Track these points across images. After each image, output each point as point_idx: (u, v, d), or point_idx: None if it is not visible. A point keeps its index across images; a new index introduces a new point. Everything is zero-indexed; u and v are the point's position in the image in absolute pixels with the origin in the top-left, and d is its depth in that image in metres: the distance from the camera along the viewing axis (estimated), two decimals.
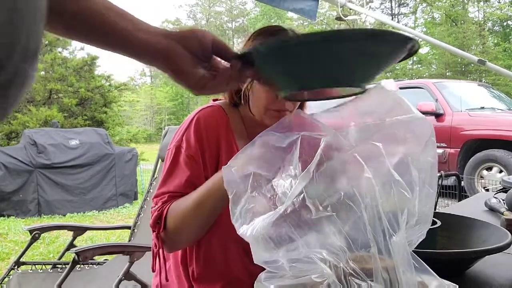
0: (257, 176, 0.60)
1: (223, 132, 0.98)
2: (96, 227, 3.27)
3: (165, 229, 0.90)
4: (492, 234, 0.89)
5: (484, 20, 22.23)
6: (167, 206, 0.91)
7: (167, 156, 0.98)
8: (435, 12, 22.99)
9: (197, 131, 0.96)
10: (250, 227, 0.56)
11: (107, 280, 1.81)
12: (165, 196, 0.93)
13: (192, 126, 0.97)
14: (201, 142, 0.95)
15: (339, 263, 0.51)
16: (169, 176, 0.95)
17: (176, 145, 0.97)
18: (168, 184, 0.94)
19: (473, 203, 1.55)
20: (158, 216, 0.90)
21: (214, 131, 0.97)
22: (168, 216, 0.90)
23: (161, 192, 0.94)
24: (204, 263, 0.97)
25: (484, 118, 5.39)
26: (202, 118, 0.98)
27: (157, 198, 0.94)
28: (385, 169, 0.52)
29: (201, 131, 0.96)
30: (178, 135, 0.99)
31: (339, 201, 0.52)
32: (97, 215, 5.25)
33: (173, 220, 0.89)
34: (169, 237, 0.91)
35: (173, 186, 0.93)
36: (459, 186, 3.37)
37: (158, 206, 0.92)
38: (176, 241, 0.92)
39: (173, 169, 0.95)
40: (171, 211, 0.90)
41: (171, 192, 0.93)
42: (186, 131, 0.97)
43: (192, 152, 0.94)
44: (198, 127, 0.96)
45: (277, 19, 31.05)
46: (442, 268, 0.58)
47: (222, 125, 0.98)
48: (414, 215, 0.53)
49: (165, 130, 2.38)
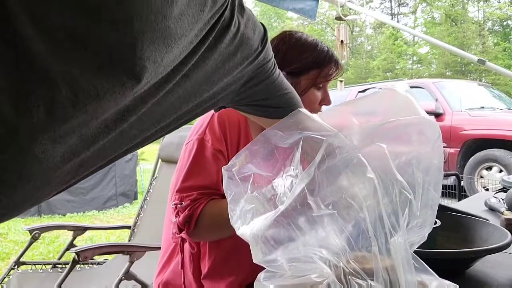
0: (257, 176, 0.60)
1: (243, 128, 0.97)
2: (96, 227, 3.27)
3: (196, 228, 0.88)
4: (492, 234, 0.89)
5: (484, 20, 22.22)
6: (199, 206, 0.88)
7: (188, 149, 0.95)
8: (435, 12, 22.98)
9: (222, 125, 0.94)
10: (249, 227, 0.56)
11: (107, 280, 1.81)
12: (193, 193, 0.89)
13: (215, 119, 0.95)
14: (225, 136, 0.94)
15: (339, 262, 0.51)
16: (194, 170, 0.92)
17: (199, 138, 0.94)
18: (194, 178, 0.91)
19: (473, 202, 1.56)
20: (189, 215, 0.87)
21: (236, 126, 0.96)
22: (201, 218, 0.87)
23: (187, 186, 0.90)
24: (215, 260, 0.96)
25: (484, 118, 5.38)
26: (225, 113, 0.96)
27: (182, 193, 0.90)
28: (388, 169, 0.52)
29: (225, 126, 0.95)
30: (199, 128, 0.97)
31: (341, 200, 0.52)
32: (97, 215, 5.25)
33: (208, 224, 0.87)
34: (198, 235, 0.89)
35: (202, 181, 0.90)
36: (459, 186, 3.38)
37: (187, 204, 0.88)
38: (203, 239, 0.92)
39: (198, 162, 0.92)
40: (207, 215, 0.87)
41: (200, 188, 0.90)
42: (209, 125, 0.95)
43: (219, 146, 0.92)
44: (222, 120, 0.95)
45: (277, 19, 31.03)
46: (442, 268, 0.58)
47: (242, 123, 0.98)
48: (416, 217, 0.53)
49: None
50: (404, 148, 0.56)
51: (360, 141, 0.55)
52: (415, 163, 0.54)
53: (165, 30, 0.38)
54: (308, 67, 1.04)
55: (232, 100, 0.60)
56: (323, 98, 1.08)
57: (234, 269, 0.96)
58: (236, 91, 0.57)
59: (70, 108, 0.35)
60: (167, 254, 1.04)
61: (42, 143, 0.35)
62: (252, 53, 0.54)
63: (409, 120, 0.57)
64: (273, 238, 0.54)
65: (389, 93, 0.61)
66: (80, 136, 0.38)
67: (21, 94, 0.32)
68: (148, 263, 1.63)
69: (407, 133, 0.57)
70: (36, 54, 0.32)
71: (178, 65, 0.43)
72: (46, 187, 0.40)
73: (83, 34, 0.33)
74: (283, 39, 1.07)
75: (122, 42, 0.35)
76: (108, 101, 0.37)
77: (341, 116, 0.63)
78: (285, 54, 1.04)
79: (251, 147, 0.64)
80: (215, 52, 0.47)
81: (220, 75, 0.51)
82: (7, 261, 3.44)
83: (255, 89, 0.60)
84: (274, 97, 0.65)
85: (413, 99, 0.59)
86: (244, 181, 0.60)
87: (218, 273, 0.96)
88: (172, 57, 0.41)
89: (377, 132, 0.56)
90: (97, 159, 0.44)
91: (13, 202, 0.37)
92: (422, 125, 0.57)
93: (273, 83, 0.63)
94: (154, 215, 2.25)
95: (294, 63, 1.03)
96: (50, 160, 0.37)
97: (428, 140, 0.57)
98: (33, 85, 0.33)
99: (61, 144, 0.36)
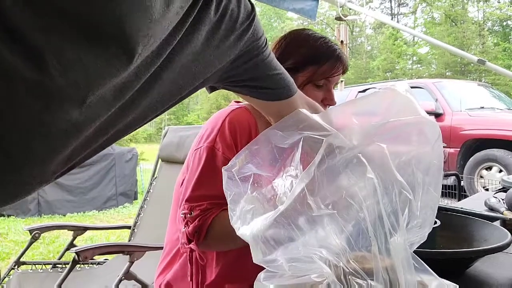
0: (257, 176, 0.60)
1: (254, 132, 0.94)
2: (96, 226, 3.27)
3: (205, 239, 0.86)
4: (492, 234, 0.89)
5: (483, 20, 22.23)
6: (210, 217, 0.86)
7: (198, 157, 0.93)
8: (434, 12, 22.99)
9: (233, 133, 0.92)
10: (249, 227, 0.56)
11: (107, 280, 1.81)
12: (203, 203, 0.87)
13: (226, 126, 0.92)
14: (236, 144, 0.91)
15: (339, 262, 0.51)
16: (204, 179, 0.89)
17: (209, 145, 0.91)
18: (205, 187, 0.89)
19: (473, 202, 1.56)
20: (199, 226, 0.85)
21: (247, 134, 0.93)
22: (212, 229, 0.86)
23: (198, 195, 0.88)
24: (223, 267, 0.95)
25: (484, 118, 5.39)
26: (235, 119, 0.94)
27: (192, 203, 0.88)
28: (388, 169, 0.52)
29: (236, 133, 0.92)
30: (208, 135, 0.94)
31: (340, 199, 0.52)
32: (97, 215, 5.25)
33: (218, 236, 0.86)
34: (207, 245, 0.88)
35: (212, 191, 0.87)
36: (459, 186, 3.37)
37: (197, 214, 0.86)
38: (212, 250, 0.91)
39: (209, 171, 0.89)
40: (218, 226, 0.85)
41: (211, 198, 0.87)
42: (219, 132, 0.92)
43: (229, 154, 0.89)
44: (233, 128, 0.92)
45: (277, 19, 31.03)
46: (442, 268, 0.58)
47: (252, 125, 0.95)
48: (416, 217, 0.53)
49: (165, 130, 2.38)
50: (404, 148, 0.56)
51: (360, 141, 0.55)
52: (415, 163, 0.54)
53: (149, 1, 0.38)
54: (304, 62, 0.99)
55: (221, 78, 0.60)
56: (325, 97, 1.03)
57: (242, 275, 0.95)
58: (225, 68, 0.57)
59: (58, 78, 0.35)
60: (170, 255, 1.03)
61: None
62: (238, 26, 0.54)
63: (409, 120, 0.57)
64: (273, 238, 0.54)
65: (389, 93, 0.61)
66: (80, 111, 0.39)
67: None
68: (148, 263, 1.63)
69: (407, 133, 0.57)
70: (20, 26, 0.33)
71: (167, 37, 0.43)
72: (47, 166, 0.41)
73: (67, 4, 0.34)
74: (286, 36, 1.05)
75: (108, 16, 0.36)
76: (100, 74, 0.38)
77: (341, 116, 0.63)
78: (284, 49, 1.01)
79: (251, 147, 0.64)
80: (201, 23, 0.48)
81: (208, 49, 0.51)
82: (7, 261, 3.44)
83: (244, 66, 0.60)
84: (264, 76, 0.65)
85: (413, 99, 0.58)
86: (244, 181, 0.60)
87: (225, 280, 0.95)
88: (160, 28, 0.41)
89: (377, 132, 0.56)
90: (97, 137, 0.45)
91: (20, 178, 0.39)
92: (422, 125, 0.57)
93: (263, 61, 0.62)
94: (154, 215, 2.25)
95: (290, 58, 0.99)
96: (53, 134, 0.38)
97: (428, 140, 0.57)
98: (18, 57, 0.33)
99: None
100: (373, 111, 0.62)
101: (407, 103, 0.58)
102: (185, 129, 2.34)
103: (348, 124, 0.59)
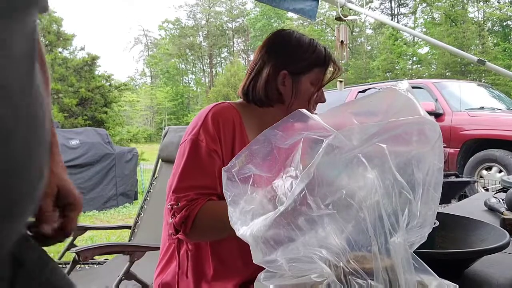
0: (257, 177, 0.60)
1: (238, 128, 0.98)
2: (96, 227, 3.26)
3: (193, 229, 0.88)
4: (491, 234, 0.89)
5: (483, 20, 22.23)
6: (196, 207, 0.88)
7: (182, 150, 0.95)
8: (434, 12, 22.99)
9: (216, 125, 0.94)
10: (249, 228, 0.56)
11: (107, 280, 1.81)
12: (189, 194, 0.89)
13: (209, 119, 0.95)
14: (219, 136, 0.94)
15: (339, 262, 0.51)
16: (190, 170, 0.91)
17: (193, 138, 0.94)
18: (191, 178, 0.91)
19: (473, 203, 1.56)
20: (185, 216, 0.87)
21: (230, 126, 0.97)
22: (199, 218, 0.87)
23: (184, 186, 0.90)
24: (219, 262, 0.96)
25: (484, 118, 5.38)
26: (219, 112, 0.97)
27: (178, 194, 0.90)
28: (388, 169, 0.52)
29: (219, 125, 0.95)
30: (193, 128, 0.97)
31: (340, 199, 0.52)
32: (97, 215, 5.25)
33: (205, 225, 0.87)
34: (195, 235, 0.89)
35: (198, 182, 0.90)
36: None
37: (183, 204, 0.88)
38: (201, 239, 0.92)
39: (194, 162, 0.92)
40: (204, 216, 0.87)
41: (197, 188, 0.90)
42: (203, 125, 0.95)
43: (213, 146, 0.92)
44: (216, 121, 0.95)
45: (277, 19, 31.04)
46: (441, 268, 0.58)
47: (236, 120, 0.98)
48: (416, 217, 0.53)
49: (165, 130, 2.38)
50: (404, 148, 0.56)
51: (360, 141, 0.55)
52: (415, 163, 0.54)
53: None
54: (309, 66, 1.04)
55: None
56: (319, 96, 1.08)
57: (240, 269, 0.95)
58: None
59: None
60: (167, 255, 1.04)
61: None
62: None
63: (409, 120, 0.57)
64: (273, 238, 0.54)
65: (389, 93, 0.61)
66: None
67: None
68: (148, 263, 1.63)
69: (407, 133, 0.57)
70: None
71: None
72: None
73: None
74: (282, 38, 1.07)
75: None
76: None
77: (341, 116, 0.63)
78: (287, 54, 1.04)
79: (251, 147, 0.64)
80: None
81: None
82: None
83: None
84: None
85: (413, 99, 0.58)
86: (244, 182, 0.60)
87: (224, 274, 0.96)
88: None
89: (377, 132, 0.56)
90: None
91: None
92: (422, 125, 0.57)
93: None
94: (154, 215, 2.25)
95: (296, 63, 1.03)
96: None
97: (428, 140, 0.57)
98: None
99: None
100: (373, 111, 0.61)
101: (407, 103, 0.58)
102: (185, 129, 2.33)
103: (348, 124, 0.59)
